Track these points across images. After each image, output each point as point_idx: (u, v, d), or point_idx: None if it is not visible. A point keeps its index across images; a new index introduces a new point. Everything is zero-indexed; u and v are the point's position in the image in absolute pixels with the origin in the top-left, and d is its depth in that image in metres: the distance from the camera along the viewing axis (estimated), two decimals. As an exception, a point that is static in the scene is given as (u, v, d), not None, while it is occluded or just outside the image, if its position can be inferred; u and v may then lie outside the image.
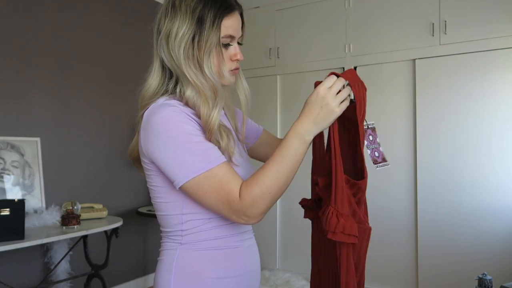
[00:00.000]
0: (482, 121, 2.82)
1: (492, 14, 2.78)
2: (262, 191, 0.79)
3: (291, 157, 0.81)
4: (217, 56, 0.88)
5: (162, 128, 0.83)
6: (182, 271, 0.91)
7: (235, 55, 0.91)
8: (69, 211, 2.33)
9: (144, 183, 3.41)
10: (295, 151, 0.81)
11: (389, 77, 3.19)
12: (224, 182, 0.81)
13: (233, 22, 0.89)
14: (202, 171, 0.81)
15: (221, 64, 0.89)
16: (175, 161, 0.82)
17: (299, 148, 0.81)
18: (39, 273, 2.59)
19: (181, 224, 0.92)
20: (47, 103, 2.69)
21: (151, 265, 3.44)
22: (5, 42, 2.47)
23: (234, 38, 0.91)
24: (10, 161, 2.41)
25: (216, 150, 0.84)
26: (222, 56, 0.89)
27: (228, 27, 0.88)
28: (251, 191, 0.80)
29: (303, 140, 0.82)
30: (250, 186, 0.80)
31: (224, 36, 0.88)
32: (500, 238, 2.72)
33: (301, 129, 0.82)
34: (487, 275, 1.66)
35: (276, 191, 0.81)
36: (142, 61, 3.39)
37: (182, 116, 0.84)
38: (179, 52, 0.87)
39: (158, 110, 0.85)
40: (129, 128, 3.28)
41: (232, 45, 0.91)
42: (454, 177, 2.90)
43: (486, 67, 2.82)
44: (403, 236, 3.09)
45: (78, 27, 2.90)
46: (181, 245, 0.93)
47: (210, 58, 0.87)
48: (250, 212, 0.80)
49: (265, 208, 0.81)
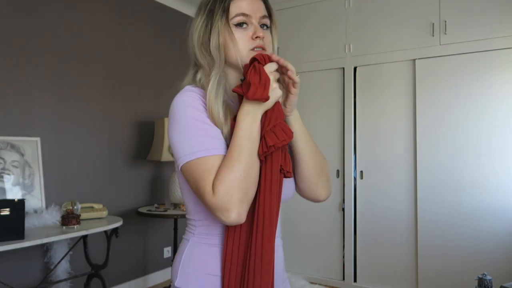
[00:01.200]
0: (482, 121, 2.82)
1: (492, 14, 2.78)
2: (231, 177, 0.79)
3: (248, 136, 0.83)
4: (230, 37, 0.91)
5: (174, 110, 0.88)
6: (188, 264, 0.92)
7: (254, 33, 0.92)
8: (69, 211, 2.33)
9: (144, 183, 3.41)
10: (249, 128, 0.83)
11: (389, 77, 3.19)
12: (207, 173, 0.81)
13: (247, 2, 0.92)
14: (194, 157, 0.82)
15: (238, 44, 0.91)
16: (177, 143, 0.85)
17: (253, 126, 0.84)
18: (39, 273, 2.59)
19: (194, 213, 0.93)
20: (47, 103, 2.69)
21: (151, 265, 3.45)
22: (5, 42, 2.47)
23: (250, 16, 0.91)
24: (10, 161, 2.41)
25: (216, 140, 0.85)
26: (234, 36, 0.91)
27: (239, 7, 0.91)
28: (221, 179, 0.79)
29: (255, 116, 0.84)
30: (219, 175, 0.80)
31: (236, 15, 0.91)
32: (500, 238, 2.72)
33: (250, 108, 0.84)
34: (487, 275, 1.66)
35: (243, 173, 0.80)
36: (143, 61, 3.41)
37: (194, 102, 0.87)
38: (195, 40, 0.96)
39: (177, 96, 0.91)
40: (129, 128, 3.28)
41: (248, 24, 0.92)
42: (454, 177, 2.90)
43: (486, 67, 2.82)
44: (403, 236, 3.09)
45: (78, 27, 2.90)
46: (193, 236, 0.94)
47: (219, 37, 0.91)
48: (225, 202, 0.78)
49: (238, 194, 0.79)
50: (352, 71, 3.34)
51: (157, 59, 3.55)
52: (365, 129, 3.28)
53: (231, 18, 0.91)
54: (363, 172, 3.29)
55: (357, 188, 3.32)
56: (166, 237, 3.56)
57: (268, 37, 0.95)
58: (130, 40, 3.30)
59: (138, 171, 3.35)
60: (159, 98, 3.55)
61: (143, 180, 3.40)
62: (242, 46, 0.91)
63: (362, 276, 3.25)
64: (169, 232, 3.47)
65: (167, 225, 3.53)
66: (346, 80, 3.36)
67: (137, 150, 3.34)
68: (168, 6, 3.66)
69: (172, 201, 3.17)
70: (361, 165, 3.31)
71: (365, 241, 3.25)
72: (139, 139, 3.35)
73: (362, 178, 3.30)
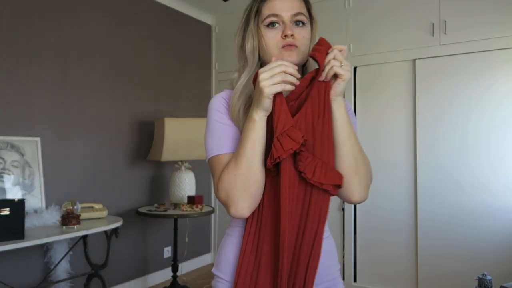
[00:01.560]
0: (482, 121, 2.82)
1: (492, 14, 2.78)
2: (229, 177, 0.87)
3: (245, 138, 0.87)
4: (261, 38, 0.95)
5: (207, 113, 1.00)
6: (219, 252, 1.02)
7: (283, 32, 0.93)
8: (69, 211, 2.33)
9: (144, 183, 3.41)
10: (247, 130, 0.87)
11: (389, 77, 3.19)
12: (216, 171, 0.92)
13: (277, 2, 0.94)
14: (212, 155, 0.94)
15: (268, 44, 0.95)
16: (205, 141, 0.98)
17: (250, 127, 0.87)
18: (39, 273, 2.59)
19: None
20: (47, 103, 2.69)
21: (151, 265, 3.45)
22: (5, 42, 2.47)
23: (280, 16, 0.93)
24: (10, 161, 2.41)
25: (229, 140, 0.93)
26: (264, 36, 0.94)
27: (270, 8, 0.94)
28: (221, 178, 0.89)
29: (251, 118, 0.87)
30: (222, 173, 0.90)
31: (267, 17, 0.94)
32: (500, 238, 2.72)
33: (251, 111, 0.88)
34: (487, 275, 1.66)
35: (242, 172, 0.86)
36: (143, 61, 3.41)
37: (219, 105, 0.97)
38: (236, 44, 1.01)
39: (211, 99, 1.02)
40: (129, 128, 3.28)
41: (280, 23, 0.94)
42: (454, 177, 2.90)
43: (486, 67, 2.82)
44: (403, 236, 3.09)
45: (78, 27, 2.90)
46: (230, 226, 1.02)
47: (254, 40, 0.96)
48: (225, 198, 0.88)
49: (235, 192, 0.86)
50: (352, 71, 3.34)
51: (157, 59, 3.55)
52: (365, 129, 3.28)
53: (262, 19, 0.95)
54: (363, 172, 3.29)
55: (357, 188, 3.31)
56: (166, 237, 3.56)
57: (302, 33, 0.95)
58: (130, 40, 3.30)
59: (138, 171, 3.35)
60: (159, 98, 3.55)
61: (143, 180, 3.41)
62: (272, 46, 0.94)
63: (362, 276, 3.25)
64: (169, 232, 3.47)
65: (167, 225, 3.54)
66: (346, 80, 3.36)
67: (137, 150, 3.34)
68: (168, 6, 3.66)
69: (172, 201, 3.17)
70: (361, 165, 3.30)
71: (365, 241, 3.25)
72: (139, 139, 3.35)
73: (362, 178, 3.29)
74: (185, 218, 3.17)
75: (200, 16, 4.03)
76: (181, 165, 3.21)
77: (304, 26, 0.96)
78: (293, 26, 0.94)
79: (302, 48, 0.95)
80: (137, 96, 3.35)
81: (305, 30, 0.96)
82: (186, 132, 3.18)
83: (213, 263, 4.07)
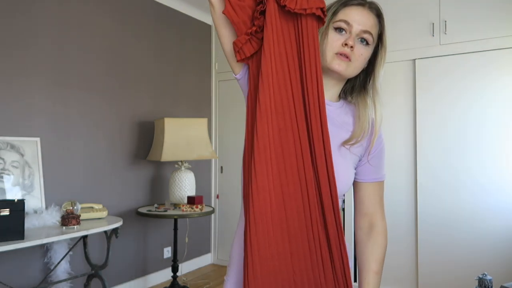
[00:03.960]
0: (482, 121, 2.82)
1: (492, 14, 2.78)
2: None
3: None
4: (325, 37, 0.95)
5: None
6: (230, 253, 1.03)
7: (345, 40, 0.94)
8: (69, 211, 2.33)
9: (144, 183, 3.41)
10: None
11: (389, 77, 3.19)
12: None
13: (354, 13, 0.94)
14: None
15: (327, 45, 0.95)
16: None
17: None
18: (39, 273, 2.59)
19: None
20: (47, 103, 2.69)
21: (151, 265, 3.44)
22: (5, 42, 2.47)
23: (351, 25, 0.94)
24: (10, 161, 2.41)
25: None
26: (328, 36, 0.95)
27: (346, 14, 0.95)
28: None
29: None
30: None
31: (338, 20, 0.94)
32: (500, 238, 2.72)
33: None
34: (487, 275, 1.66)
35: None
36: (143, 61, 3.41)
37: None
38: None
39: None
40: (129, 128, 3.28)
41: (347, 32, 0.94)
42: (454, 177, 2.90)
43: (486, 67, 2.82)
44: (403, 236, 3.09)
45: (78, 27, 2.90)
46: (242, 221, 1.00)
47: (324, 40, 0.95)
48: None
49: None
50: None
51: (157, 59, 3.54)
52: (365, 129, 3.28)
53: (334, 21, 0.95)
54: (363, 172, 3.29)
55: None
56: (166, 237, 3.56)
57: (361, 51, 0.95)
58: (130, 40, 3.30)
59: (138, 171, 3.35)
60: (159, 98, 3.55)
61: (143, 180, 3.40)
62: (330, 48, 0.94)
63: (362, 276, 3.25)
64: (169, 232, 3.47)
65: (167, 225, 3.53)
66: (346, 80, 3.36)
67: (137, 150, 3.34)
68: (168, 6, 3.66)
69: (172, 201, 3.17)
70: (361, 165, 3.30)
71: (365, 241, 3.25)
72: (139, 139, 3.35)
73: (362, 178, 3.30)
74: (185, 218, 3.17)
75: (200, 16, 4.02)
76: (181, 165, 3.21)
77: (367, 46, 0.96)
78: (357, 41, 0.95)
79: (354, 64, 0.95)
80: (137, 96, 3.35)
81: (366, 49, 0.96)
82: (186, 132, 3.17)
83: (213, 263, 4.07)
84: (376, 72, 1.00)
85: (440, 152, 2.96)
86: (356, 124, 0.99)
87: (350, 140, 0.97)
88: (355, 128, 0.99)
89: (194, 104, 3.92)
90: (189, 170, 3.25)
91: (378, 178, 1.03)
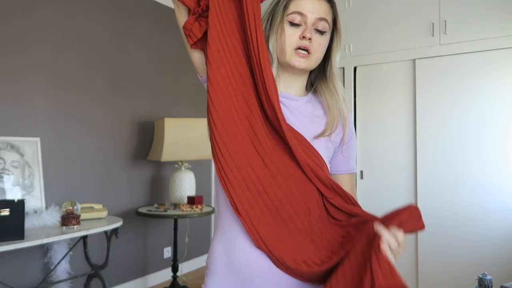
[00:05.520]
0: (482, 121, 2.82)
1: (492, 14, 2.78)
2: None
3: None
4: (281, 33, 0.93)
5: None
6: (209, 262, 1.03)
7: (302, 33, 0.92)
8: (69, 211, 2.33)
9: (144, 183, 3.41)
10: None
11: (389, 77, 3.19)
12: None
13: (306, 3, 0.93)
14: None
15: (285, 40, 0.93)
16: None
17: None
18: (39, 273, 2.59)
19: None
20: (47, 103, 2.69)
21: (151, 265, 3.44)
22: (5, 43, 2.47)
23: (305, 16, 0.92)
24: (10, 161, 2.41)
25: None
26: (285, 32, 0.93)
27: (297, 5, 0.93)
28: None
29: None
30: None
31: (291, 13, 0.92)
32: (500, 238, 2.72)
33: None
34: (487, 275, 1.66)
35: None
36: (143, 61, 3.41)
37: None
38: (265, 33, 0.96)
39: None
40: (129, 128, 3.28)
41: (301, 24, 0.93)
42: (454, 177, 2.90)
43: (486, 67, 2.82)
44: (403, 236, 3.08)
45: (78, 27, 2.90)
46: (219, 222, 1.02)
47: (276, 34, 0.94)
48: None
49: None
50: (352, 71, 3.34)
51: (157, 59, 3.54)
52: (365, 129, 3.28)
53: (287, 14, 0.93)
54: (363, 172, 3.29)
55: (357, 188, 3.32)
56: (166, 237, 3.56)
57: (320, 41, 0.94)
58: (130, 40, 3.30)
59: (138, 171, 3.35)
60: (159, 98, 3.55)
61: (143, 180, 3.40)
62: (288, 44, 0.93)
63: (362, 276, 3.25)
64: (169, 232, 3.47)
65: (167, 225, 3.53)
66: (346, 80, 3.36)
67: (137, 150, 3.34)
68: (168, 6, 3.66)
69: (172, 201, 3.17)
70: (361, 165, 3.31)
71: (365, 241, 3.25)
72: (139, 139, 3.35)
73: (362, 178, 3.30)
74: (185, 218, 3.17)
75: (200, 16, 4.02)
76: (181, 165, 3.21)
77: (324, 34, 0.95)
78: (314, 31, 0.93)
79: (315, 55, 0.94)
80: (137, 96, 3.35)
81: (324, 38, 0.95)
82: (186, 132, 3.17)
83: (213, 263, 4.07)
84: (333, 57, 0.99)
85: (440, 152, 2.96)
86: (327, 114, 0.99)
87: (326, 131, 0.97)
88: (327, 118, 0.99)
89: (194, 104, 3.92)
90: (189, 170, 3.25)
91: (350, 170, 1.04)
